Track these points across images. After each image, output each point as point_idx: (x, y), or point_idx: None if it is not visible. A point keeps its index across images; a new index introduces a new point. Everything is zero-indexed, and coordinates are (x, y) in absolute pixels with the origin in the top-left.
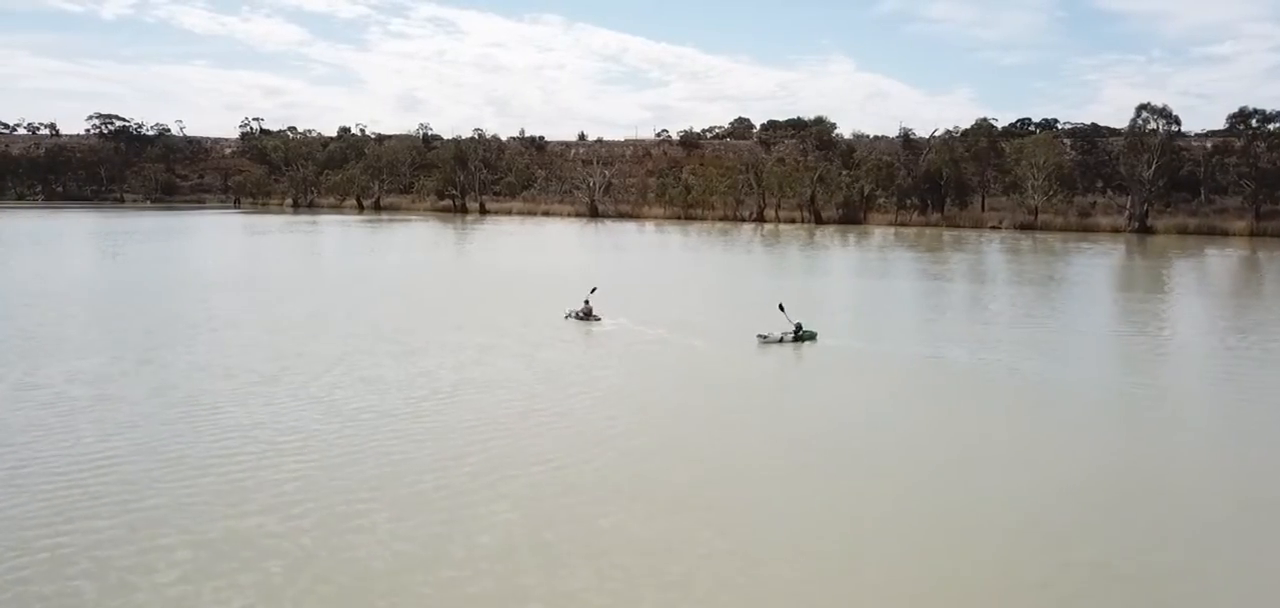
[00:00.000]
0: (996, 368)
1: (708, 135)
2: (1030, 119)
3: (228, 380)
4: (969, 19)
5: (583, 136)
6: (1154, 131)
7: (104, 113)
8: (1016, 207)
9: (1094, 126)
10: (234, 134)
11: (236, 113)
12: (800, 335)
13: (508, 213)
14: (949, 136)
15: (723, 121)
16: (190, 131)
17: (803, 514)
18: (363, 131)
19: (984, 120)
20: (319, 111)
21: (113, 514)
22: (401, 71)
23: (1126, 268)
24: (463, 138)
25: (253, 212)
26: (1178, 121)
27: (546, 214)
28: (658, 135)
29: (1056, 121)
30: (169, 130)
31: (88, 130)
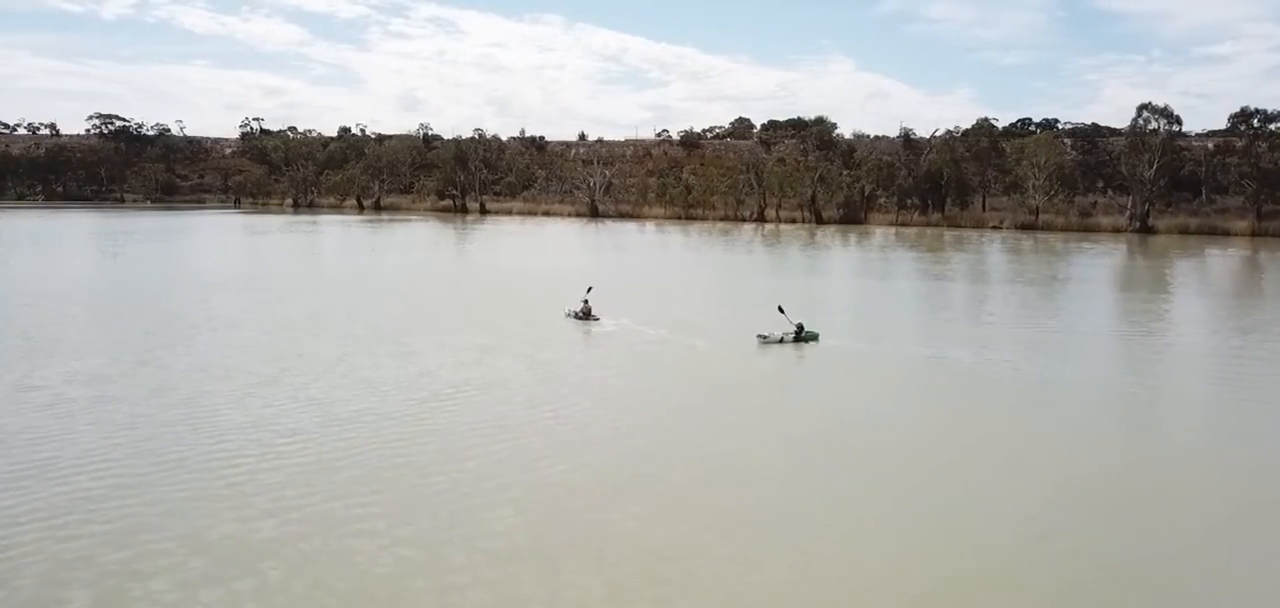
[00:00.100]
0: (998, 368)
1: (708, 135)
2: (1030, 119)
3: (227, 382)
4: (969, 19)
5: (583, 137)
6: (1155, 131)
7: (104, 113)
8: (1017, 207)
9: (1094, 126)
10: (234, 134)
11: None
12: (802, 336)
13: (508, 213)
14: (950, 136)
15: (723, 121)
16: (190, 131)
17: (805, 515)
18: (363, 131)
19: (985, 120)
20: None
21: (109, 518)
22: (402, 71)
23: (1128, 268)
24: (463, 138)
25: (253, 212)
26: (1179, 121)
27: (547, 214)
28: (658, 135)
29: (1057, 122)
30: (169, 130)
31: (88, 130)
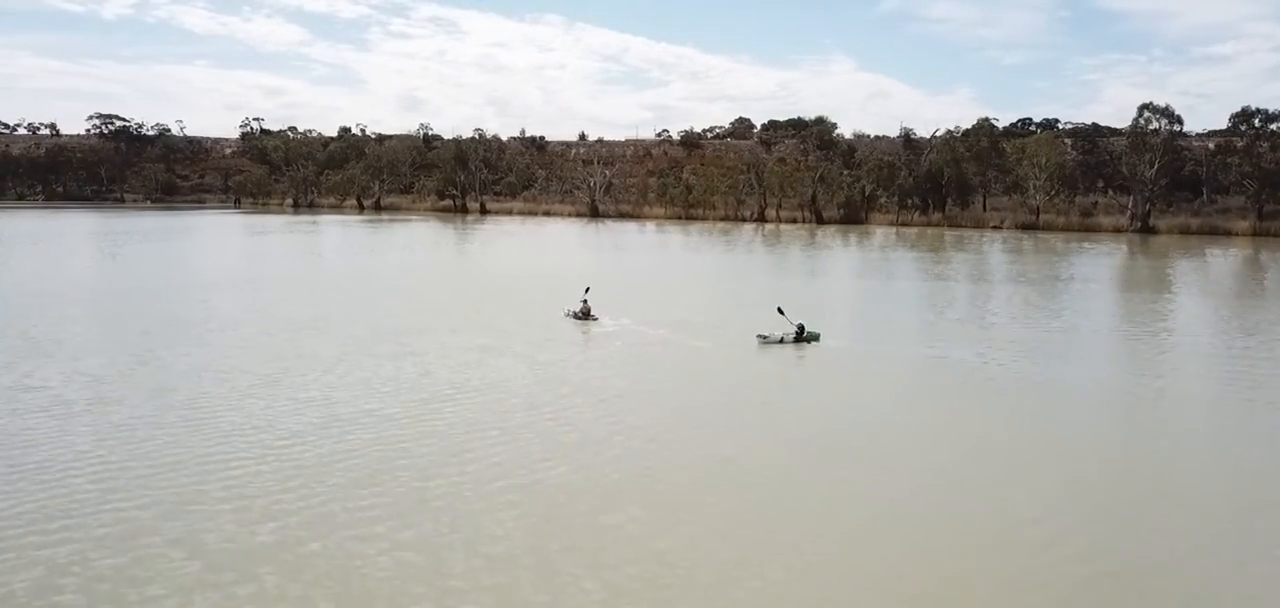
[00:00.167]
0: (1001, 369)
1: (708, 135)
2: (1031, 119)
3: (226, 383)
4: (970, 19)
5: (583, 136)
6: (1156, 131)
7: (104, 113)
8: (1018, 206)
9: (1095, 126)
10: (234, 134)
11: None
12: (803, 337)
13: (508, 213)
14: (950, 136)
15: (723, 121)
16: (190, 131)
17: (807, 517)
18: (363, 131)
19: (985, 120)
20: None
21: (104, 521)
22: (402, 71)
23: (1130, 268)
24: (463, 138)
25: (253, 212)
26: (1180, 121)
27: (547, 214)
28: (658, 135)
29: (1057, 121)
30: (169, 130)
31: (88, 130)
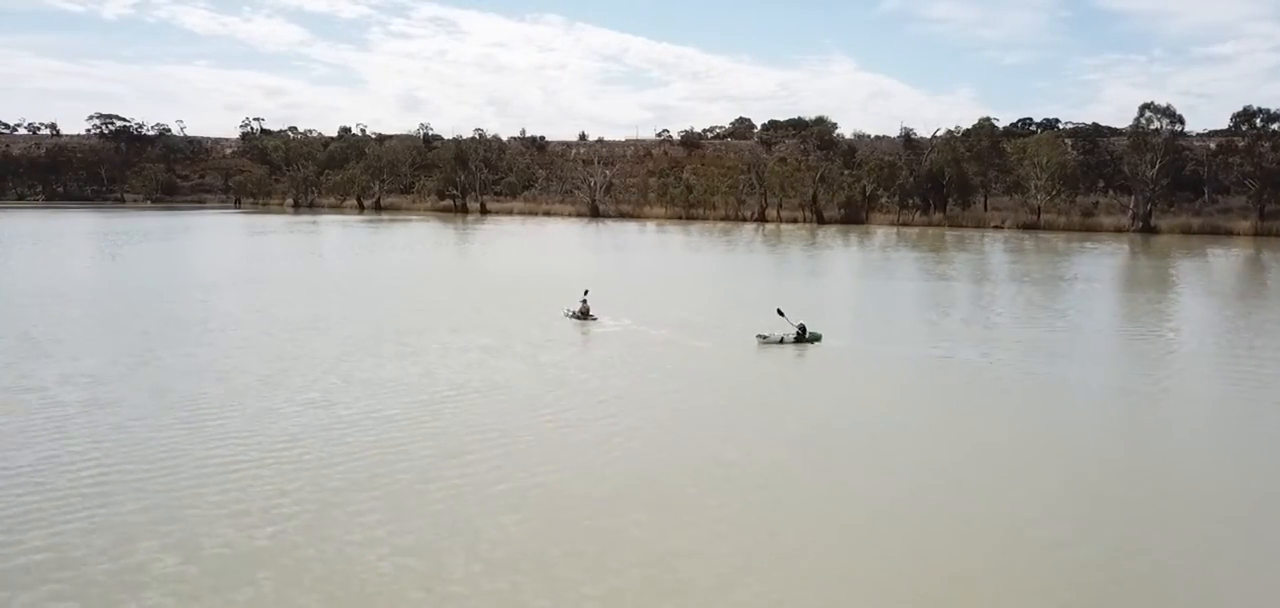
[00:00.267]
0: (1002, 368)
1: (709, 135)
2: (1031, 119)
3: (225, 383)
4: (971, 19)
5: (583, 136)
6: (1157, 131)
7: (105, 113)
8: (1019, 206)
9: (1095, 126)
10: (235, 134)
11: (237, 113)
12: (805, 337)
13: (509, 213)
14: (951, 136)
15: (723, 121)
16: (191, 131)
17: (809, 519)
18: (363, 131)
19: (986, 120)
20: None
21: (100, 525)
22: (402, 72)
23: (1131, 268)
24: (463, 138)
25: (253, 212)
26: (1181, 121)
27: (547, 214)
28: (659, 135)
29: (1058, 121)
30: (169, 130)
31: (88, 130)
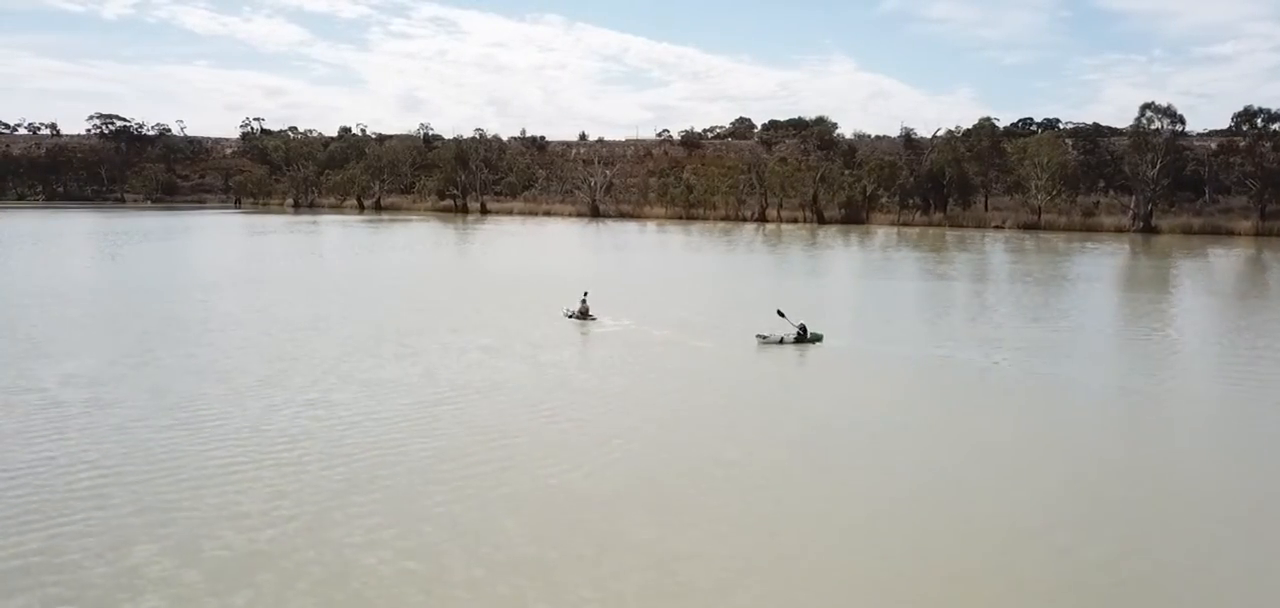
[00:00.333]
0: (1004, 369)
1: (709, 135)
2: (1032, 119)
3: (224, 384)
4: (971, 19)
5: (584, 136)
6: (1157, 131)
7: (105, 113)
8: (1020, 206)
9: (1096, 126)
10: (235, 134)
11: (237, 113)
12: (806, 338)
13: (509, 213)
14: (951, 136)
15: (724, 121)
16: (191, 131)
17: (811, 521)
18: (364, 131)
19: (987, 120)
20: (320, 112)
21: (97, 528)
22: (403, 72)
23: (1133, 268)
24: (464, 138)
25: (253, 212)
26: (1182, 121)
27: (548, 214)
28: (659, 135)
29: (1058, 121)
30: (170, 130)
31: (88, 130)
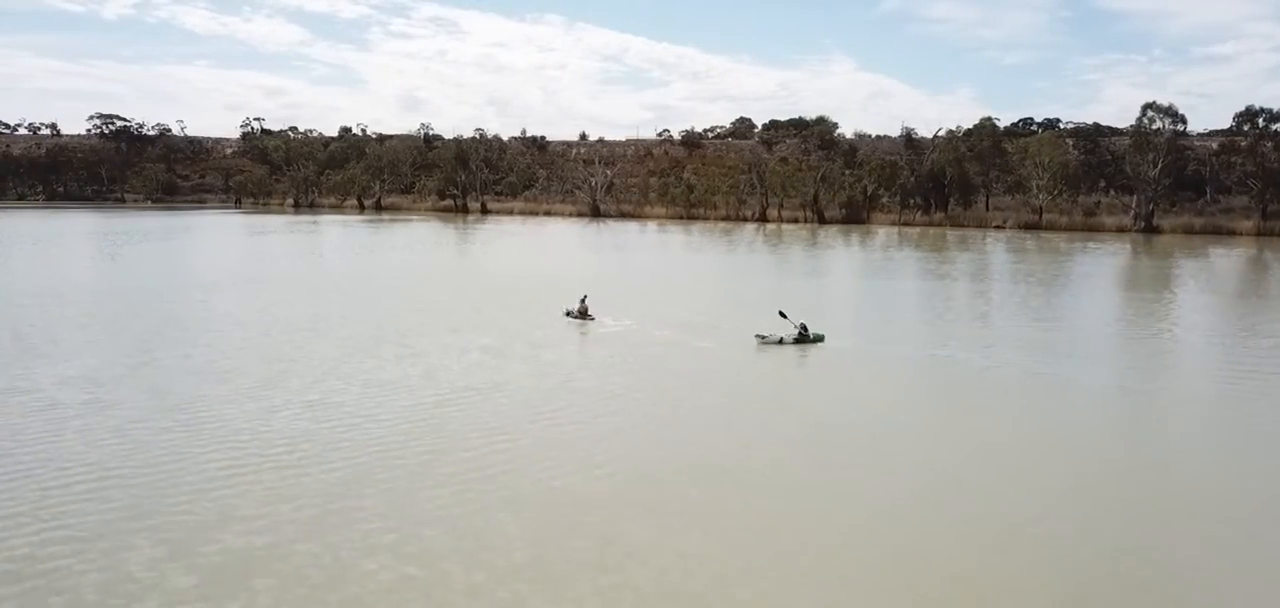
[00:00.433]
0: (1004, 369)
1: (709, 135)
2: (1032, 118)
3: (224, 385)
4: (971, 19)
5: (584, 136)
6: (1159, 131)
7: (105, 113)
8: (1021, 206)
9: (1097, 126)
10: (235, 134)
11: (237, 113)
12: (807, 338)
13: (509, 213)
14: (952, 136)
15: (724, 121)
16: (191, 132)
17: (813, 523)
18: (364, 131)
19: (988, 119)
20: (320, 112)
21: (94, 529)
22: (403, 72)
23: (1134, 267)
24: (464, 138)
25: (253, 212)
26: (1183, 121)
27: (548, 214)
28: (659, 135)
29: (1058, 121)
30: (170, 130)
31: (89, 130)
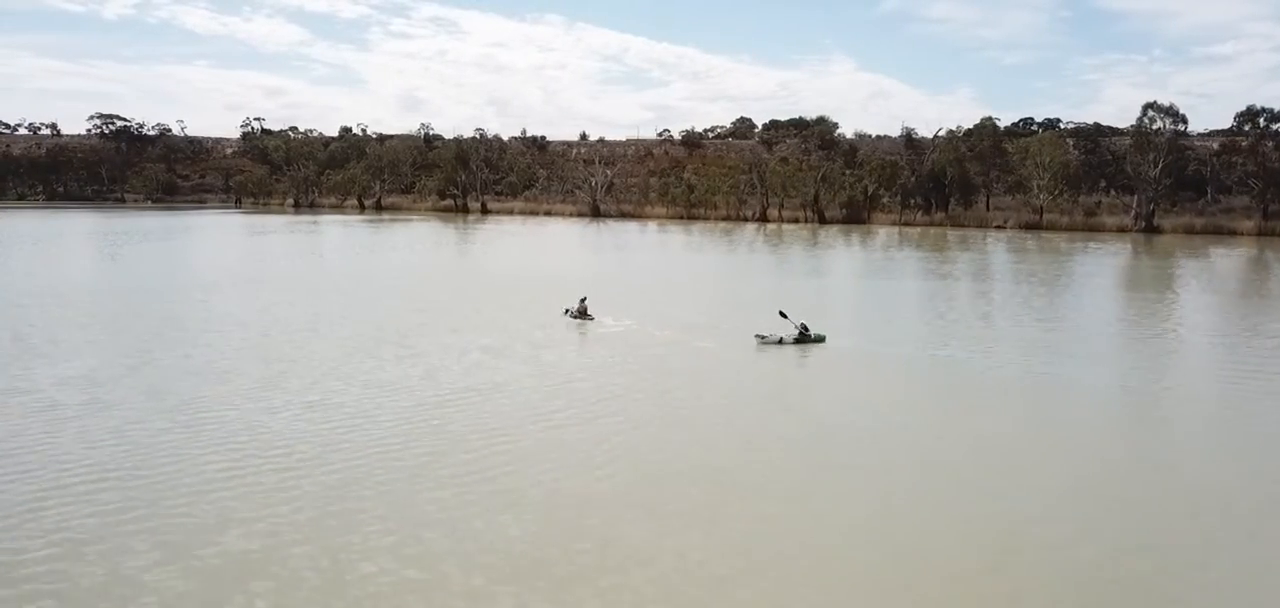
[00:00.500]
0: (1005, 368)
1: (709, 135)
2: (1032, 118)
3: (223, 385)
4: (971, 19)
5: (584, 136)
6: (1159, 131)
7: (105, 113)
8: (1021, 206)
9: (1097, 126)
10: (235, 134)
11: (238, 113)
12: (808, 338)
13: (509, 213)
14: (953, 136)
15: (724, 121)
16: (191, 131)
17: (813, 524)
18: (364, 131)
19: (988, 119)
20: (320, 112)
21: (93, 531)
22: (403, 71)
23: (1135, 267)
24: (464, 138)
25: (254, 212)
26: (1184, 121)
27: (548, 214)
28: (659, 135)
29: (1058, 121)
30: (170, 130)
31: (89, 130)
